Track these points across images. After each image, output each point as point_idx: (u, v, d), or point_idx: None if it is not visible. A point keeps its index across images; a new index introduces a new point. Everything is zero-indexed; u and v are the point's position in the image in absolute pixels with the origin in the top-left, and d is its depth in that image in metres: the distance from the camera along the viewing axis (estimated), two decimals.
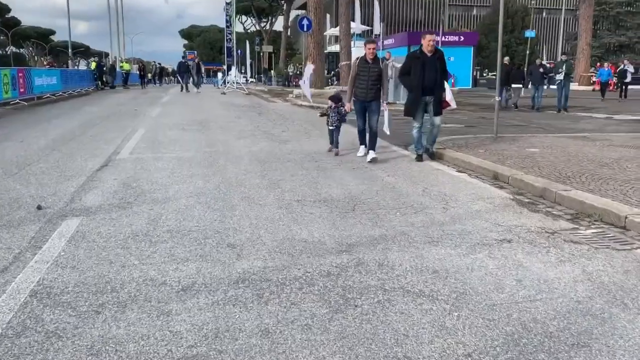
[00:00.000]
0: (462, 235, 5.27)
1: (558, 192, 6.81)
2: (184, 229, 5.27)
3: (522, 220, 5.89)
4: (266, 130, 13.67)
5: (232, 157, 9.53)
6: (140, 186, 7.09)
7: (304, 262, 4.46)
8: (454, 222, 5.75)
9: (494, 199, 6.83)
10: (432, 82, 8.98)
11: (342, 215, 5.87)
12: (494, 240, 5.14)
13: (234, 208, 6.08)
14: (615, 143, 11.29)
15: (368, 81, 9.03)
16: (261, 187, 7.19)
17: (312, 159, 9.42)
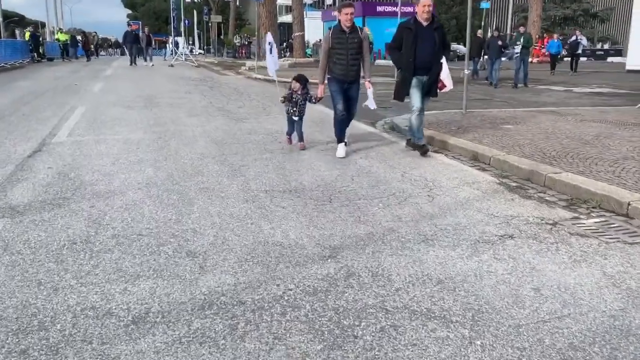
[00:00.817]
0: (457, 231, 4.58)
1: (548, 176, 6.23)
2: (133, 233, 4.39)
3: (516, 209, 5.26)
4: (220, 106, 12.71)
5: (184, 138, 8.60)
6: (79, 176, 6.13)
7: (282, 274, 3.67)
8: (444, 213, 5.06)
9: (480, 183, 6.19)
10: (428, 58, 7.39)
11: (319, 209, 5.10)
12: (494, 237, 4.47)
13: (192, 202, 5.22)
14: (586, 118, 10.85)
15: (347, 56, 7.28)
16: (221, 174, 6.33)
17: (274, 140, 8.58)
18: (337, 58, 7.32)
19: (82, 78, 20.89)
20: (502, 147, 7.80)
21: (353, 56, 7.32)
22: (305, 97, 7.82)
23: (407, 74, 7.56)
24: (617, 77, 24.93)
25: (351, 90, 7.50)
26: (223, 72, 26.31)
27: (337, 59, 7.33)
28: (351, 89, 7.49)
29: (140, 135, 8.76)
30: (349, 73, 7.36)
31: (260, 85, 18.69)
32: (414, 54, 7.38)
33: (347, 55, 7.29)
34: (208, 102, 13.53)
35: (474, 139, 8.35)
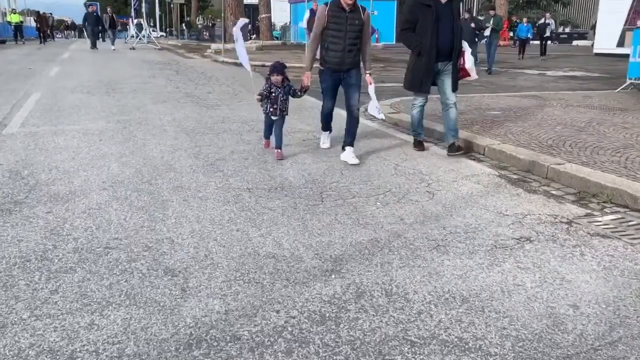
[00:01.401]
0: (469, 234, 4.06)
1: (551, 167, 5.79)
2: (99, 245, 3.75)
3: (524, 205, 4.79)
4: (188, 91, 11.97)
5: (152, 127, 7.89)
6: (34, 175, 5.42)
7: (281, 296, 3.09)
8: (449, 213, 4.54)
9: (479, 176, 5.70)
10: (449, 43, 6.32)
11: (311, 211, 4.52)
12: (511, 240, 3.97)
13: (166, 205, 4.58)
14: (572, 103, 10.49)
15: (345, 39, 5.92)
16: (196, 170, 5.69)
17: (251, 129, 7.95)
18: (331, 42, 5.98)
19: (36, 62, 19.75)
20: (494, 136, 7.34)
21: (351, 41, 5.97)
22: (288, 91, 6.25)
23: (429, 62, 6.36)
24: (586, 61, 24.89)
25: (349, 78, 6.14)
26: (188, 55, 25.36)
27: (331, 42, 5.98)
28: (349, 76, 6.15)
29: (103, 125, 8.02)
30: (345, 61, 6.03)
31: (229, 69, 17.92)
32: (436, 37, 6.23)
33: (344, 39, 5.94)
34: (174, 87, 12.77)
35: (463, 127, 7.85)
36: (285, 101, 6.24)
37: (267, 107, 6.26)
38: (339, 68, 6.07)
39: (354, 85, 6.16)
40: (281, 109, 6.24)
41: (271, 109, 6.23)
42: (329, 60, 6.07)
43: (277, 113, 6.23)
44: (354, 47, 6.02)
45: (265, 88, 6.17)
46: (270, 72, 6.09)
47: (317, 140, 7.07)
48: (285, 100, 6.24)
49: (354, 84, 6.15)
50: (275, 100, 6.19)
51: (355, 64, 6.13)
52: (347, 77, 6.14)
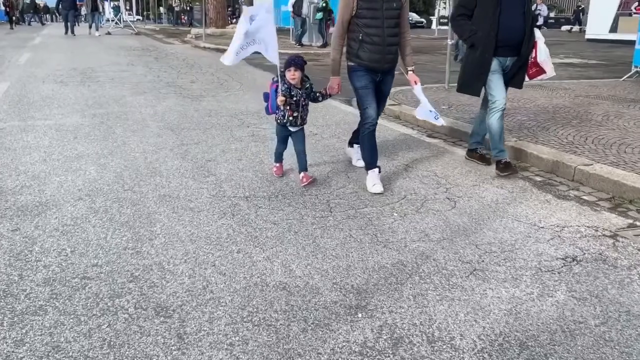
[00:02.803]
0: (506, 254, 3.57)
1: (578, 168, 5.32)
2: (75, 274, 3.19)
3: (558, 214, 4.31)
4: (170, 81, 11.33)
5: (132, 122, 7.28)
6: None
7: (301, 345, 2.56)
8: (478, 226, 4.03)
9: (500, 179, 5.26)
10: (518, 32, 5.14)
11: (320, 224, 3.99)
12: (556, 261, 3.48)
13: (152, 219, 4.01)
14: (580, 93, 10.05)
15: (383, 29, 4.69)
16: (185, 174, 5.11)
17: (241, 123, 7.37)
18: (366, 33, 4.70)
19: (4, 48, 18.88)
20: (507, 131, 6.82)
21: (392, 30, 4.75)
22: (309, 94, 4.90)
23: (487, 55, 5.20)
24: (579, 47, 24.52)
25: (385, 84, 5.00)
26: (167, 41, 24.58)
27: (366, 34, 4.70)
28: (385, 81, 4.98)
29: (78, 120, 7.39)
30: (385, 57, 4.76)
31: (211, 56, 17.23)
32: (497, 25, 5.08)
33: (382, 28, 4.68)
34: (155, 76, 12.11)
35: (471, 120, 7.33)
36: (307, 106, 4.90)
37: (283, 115, 4.83)
38: (378, 67, 4.79)
39: (384, 97, 5.16)
40: (302, 117, 4.91)
41: (290, 117, 4.83)
42: (365, 57, 4.75)
43: (297, 122, 4.89)
44: (395, 38, 4.79)
45: (285, 89, 4.74)
46: (285, 66, 4.74)
47: (318, 138, 6.51)
48: (307, 105, 4.90)
49: (386, 92, 5.14)
50: (297, 105, 4.81)
51: (395, 62, 4.92)
52: (381, 83, 4.95)
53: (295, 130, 4.95)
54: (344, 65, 4.95)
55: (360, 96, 4.88)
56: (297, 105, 4.82)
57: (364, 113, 4.87)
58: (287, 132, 4.98)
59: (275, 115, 4.87)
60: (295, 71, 4.70)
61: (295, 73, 4.70)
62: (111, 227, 3.91)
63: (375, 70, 4.82)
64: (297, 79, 4.73)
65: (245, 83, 11.22)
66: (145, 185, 4.80)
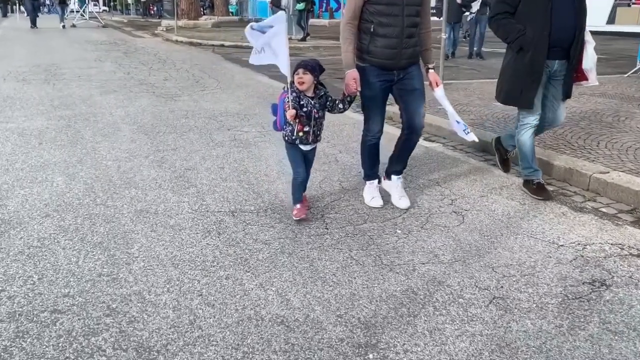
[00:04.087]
0: (527, 277, 3.43)
1: (594, 176, 5.21)
2: (44, 307, 2.98)
3: (578, 230, 4.19)
4: (142, 78, 11.06)
5: (103, 126, 7.02)
6: None
7: None
8: (491, 244, 3.87)
9: (509, 188, 5.11)
10: (570, 32, 4.59)
11: (317, 244, 3.81)
12: (582, 286, 3.37)
13: (129, 239, 3.79)
14: (583, 91, 9.95)
15: (403, 18, 4.15)
16: (163, 185, 4.89)
17: (221, 126, 7.15)
18: (380, 23, 4.16)
19: None
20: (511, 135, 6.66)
21: (412, 20, 4.21)
22: (324, 103, 4.20)
23: (540, 59, 4.61)
24: None
25: (409, 79, 4.38)
26: (136, 34, 24.22)
27: (379, 24, 4.16)
28: (408, 76, 4.37)
29: (42, 123, 7.11)
30: (402, 52, 4.22)
31: (185, 50, 16.96)
32: (549, 25, 4.54)
33: (401, 17, 4.14)
34: (125, 72, 11.83)
35: (471, 122, 7.20)
36: (321, 119, 4.20)
37: (292, 130, 4.13)
38: (393, 64, 4.24)
39: (417, 91, 4.36)
40: (315, 134, 4.20)
41: (300, 133, 4.10)
42: (376, 53, 4.20)
43: (309, 139, 4.18)
44: (414, 29, 4.23)
45: (294, 98, 4.03)
46: (295, 70, 4.04)
47: None
48: (321, 119, 4.19)
49: (417, 88, 4.36)
50: (309, 117, 4.08)
51: (416, 58, 4.38)
52: (405, 79, 4.34)
53: (308, 149, 4.24)
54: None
55: (366, 106, 4.47)
56: (309, 118, 4.06)
57: (367, 126, 4.54)
58: (299, 150, 4.22)
59: (282, 130, 4.18)
60: (304, 74, 3.97)
61: (303, 77, 3.97)
62: (83, 249, 3.67)
63: (391, 67, 4.26)
64: (307, 84, 4.00)
65: (222, 81, 10.99)
66: (119, 199, 4.57)
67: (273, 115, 4.23)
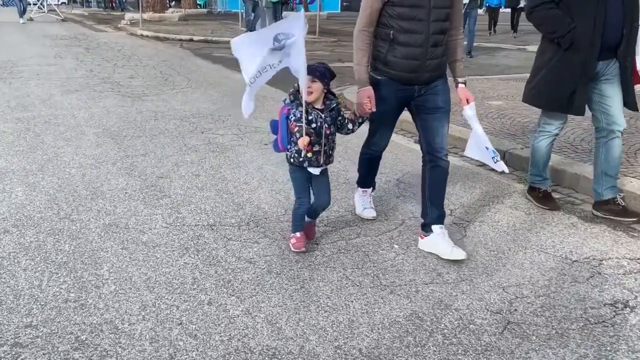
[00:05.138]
0: (542, 299, 3.36)
1: None
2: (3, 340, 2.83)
3: (591, 244, 4.19)
4: (106, 76, 10.80)
5: (65, 129, 6.79)
6: None
7: None
8: (498, 260, 3.78)
9: (512, 196, 5.10)
10: (619, 27, 4.22)
11: (307, 262, 3.69)
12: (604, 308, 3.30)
13: (98, 259, 3.61)
14: None
15: (429, 22, 3.62)
16: (133, 195, 4.69)
17: (194, 128, 6.97)
18: (401, 29, 3.64)
19: None
20: (510, 135, 6.61)
21: (440, 24, 3.67)
22: (335, 117, 3.71)
23: (588, 60, 4.27)
24: None
25: (433, 96, 3.84)
26: (99, 28, 23.84)
27: (401, 30, 3.64)
28: (432, 92, 3.83)
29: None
30: (426, 64, 3.70)
31: (151, 46, 16.69)
32: (602, 20, 4.17)
33: (428, 22, 3.61)
34: (87, 70, 11.55)
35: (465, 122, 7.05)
36: (333, 136, 3.72)
37: (299, 151, 3.61)
38: (415, 78, 3.73)
39: (441, 111, 3.83)
40: (327, 154, 3.70)
41: (309, 152, 3.60)
42: (395, 64, 3.71)
43: (320, 161, 3.67)
44: (442, 36, 3.70)
45: (299, 117, 3.53)
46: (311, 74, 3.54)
47: None
48: (333, 135, 3.71)
49: (441, 107, 3.82)
50: (319, 134, 3.59)
51: (442, 70, 3.83)
52: (427, 95, 3.81)
53: (317, 172, 3.72)
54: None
55: (375, 120, 4.01)
56: (319, 136, 3.57)
57: (372, 139, 4.17)
58: (306, 174, 3.74)
59: (287, 151, 3.69)
60: (312, 82, 3.48)
61: (312, 85, 3.48)
62: (47, 270, 3.46)
63: (411, 82, 3.75)
64: (316, 94, 3.52)
65: (193, 78, 10.78)
66: (85, 212, 4.35)
67: (272, 134, 3.76)
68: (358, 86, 3.79)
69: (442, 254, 3.77)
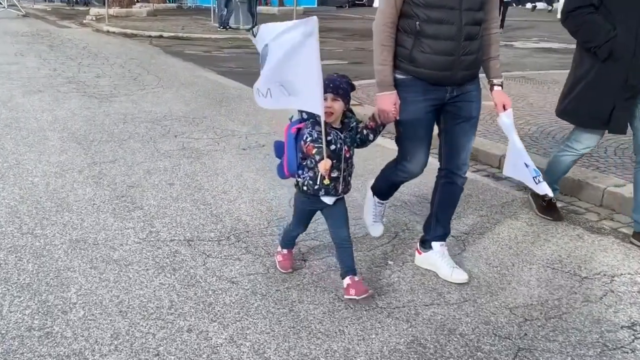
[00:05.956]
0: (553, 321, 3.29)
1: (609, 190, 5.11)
2: None
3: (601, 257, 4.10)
4: (71, 75, 10.57)
5: (27, 133, 6.58)
6: None
7: None
8: (503, 278, 3.69)
9: (511, 205, 5.02)
10: None
11: (295, 281, 3.56)
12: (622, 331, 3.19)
13: (65, 279, 3.45)
14: None
15: (461, 11, 3.22)
16: (102, 207, 4.51)
17: (166, 132, 6.79)
18: (429, 19, 3.22)
19: None
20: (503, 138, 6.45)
21: (473, 14, 3.28)
22: (354, 136, 3.33)
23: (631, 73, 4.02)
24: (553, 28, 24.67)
25: (468, 102, 3.49)
26: (62, 24, 23.48)
27: (429, 20, 3.22)
28: (465, 96, 3.47)
29: None
30: (460, 60, 3.30)
31: (119, 43, 16.43)
32: None
33: (460, 10, 3.22)
34: (51, 69, 11.31)
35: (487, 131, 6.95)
36: (352, 160, 3.32)
37: (314, 178, 3.23)
38: (447, 77, 3.33)
39: (472, 121, 3.52)
40: (346, 180, 3.30)
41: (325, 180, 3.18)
42: (423, 61, 3.29)
43: (339, 188, 3.28)
44: (477, 27, 3.33)
45: (317, 133, 3.12)
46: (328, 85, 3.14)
47: (268, 151, 5.97)
48: (352, 158, 3.32)
49: (474, 117, 3.51)
50: (338, 158, 3.19)
51: (477, 69, 3.46)
52: (459, 101, 3.45)
53: (331, 202, 3.30)
54: None
55: (404, 138, 3.50)
56: (338, 159, 3.18)
57: (403, 164, 3.58)
58: (316, 206, 3.35)
59: (297, 178, 3.32)
60: (333, 101, 3.11)
61: (333, 105, 3.11)
62: (8, 293, 3.28)
63: (443, 82, 3.35)
64: (337, 114, 3.15)
65: (164, 77, 10.58)
66: (50, 226, 4.16)
67: (277, 157, 3.40)
68: (379, 90, 3.37)
69: (441, 274, 3.60)
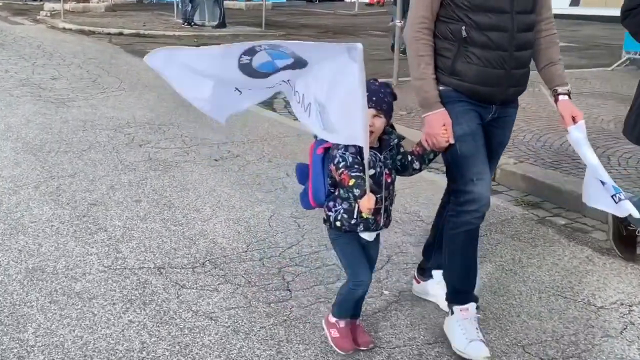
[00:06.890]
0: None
1: None
2: None
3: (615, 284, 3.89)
4: (24, 77, 10.28)
5: None
6: None
7: None
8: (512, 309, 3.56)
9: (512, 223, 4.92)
10: None
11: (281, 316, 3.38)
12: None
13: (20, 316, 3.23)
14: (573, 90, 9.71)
15: (512, 15, 2.86)
16: (61, 229, 4.29)
17: (130, 140, 6.57)
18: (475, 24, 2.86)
19: None
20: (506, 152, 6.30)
21: (526, 17, 2.94)
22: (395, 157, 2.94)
23: None
24: None
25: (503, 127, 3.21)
26: (14, 20, 23.00)
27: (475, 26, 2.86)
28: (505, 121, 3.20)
29: None
30: (511, 75, 2.96)
31: (76, 41, 16.08)
32: None
33: (511, 14, 2.87)
34: (2, 70, 11.03)
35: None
36: (393, 186, 2.92)
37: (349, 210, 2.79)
38: (496, 93, 2.98)
39: (501, 150, 3.31)
40: (388, 210, 2.92)
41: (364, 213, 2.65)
42: (469, 74, 2.92)
43: (380, 222, 2.87)
44: (529, 34, 3.00)
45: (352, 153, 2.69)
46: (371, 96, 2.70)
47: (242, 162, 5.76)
48: (393, 184, 2.91)
49: (504, 144, 3.30)
50: (378, 184, 2.79)
51: (525, 85, 3.13)
52: (496, 124, 3.14)
53: (371, 239, 2.90)
54: None
55: (462, 155, 2.98)
56: (378, 186, 2.78)
57: (468, 190, 3.00)
58: (357, 240, 2.89)
59: (327, 210, 2.86)
60: (374, 117, 2.71)
61: (374, 121, 2.71)
62: None
63: (490, 99, 3.00)
64: (377, 132, 2.78)
65: (126, 80, 10.33)
66: (3, 252, 3.95)
67: (300, 183, 3.04)
68: (423, 110, 2.97)
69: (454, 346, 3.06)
